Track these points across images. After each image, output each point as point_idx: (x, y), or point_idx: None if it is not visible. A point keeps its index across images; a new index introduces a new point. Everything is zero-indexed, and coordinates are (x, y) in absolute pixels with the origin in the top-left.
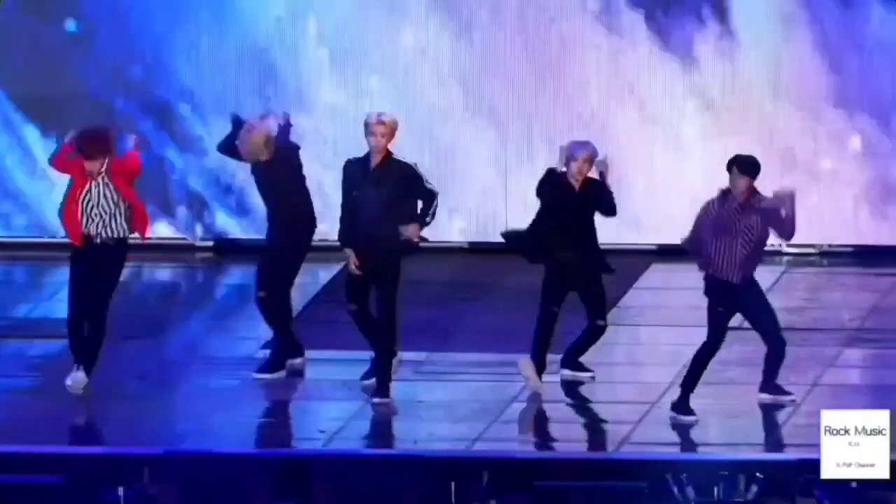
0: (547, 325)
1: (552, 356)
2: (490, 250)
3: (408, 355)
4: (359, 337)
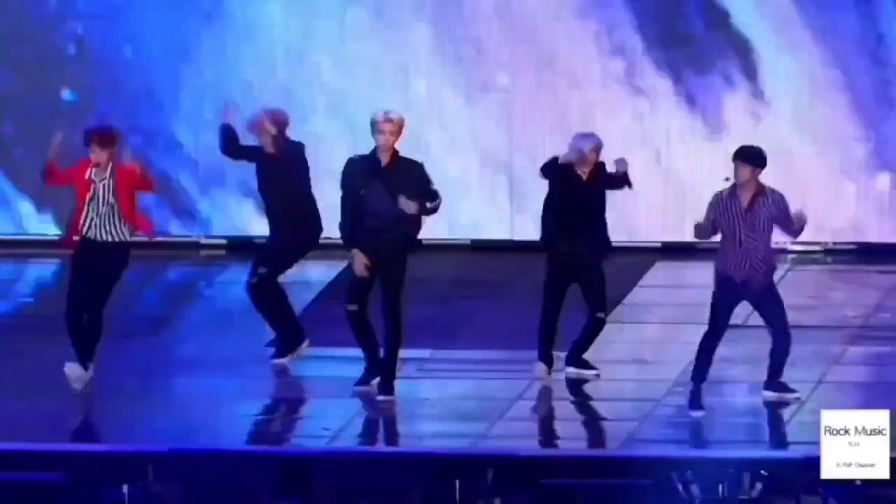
0: (550, 320)
1: (557, 353)
2: (494, 248)
3: (412, 353)
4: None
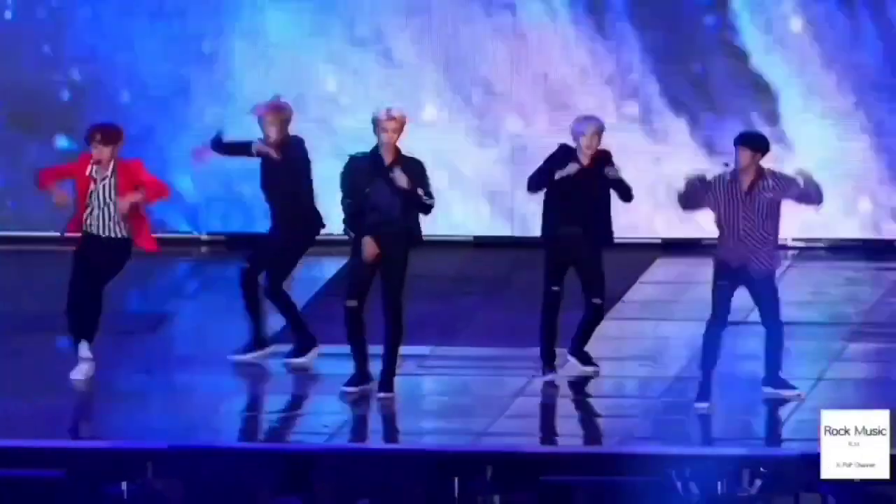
0: (551, 307)
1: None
2: (495, 244)
3: (412, 349)
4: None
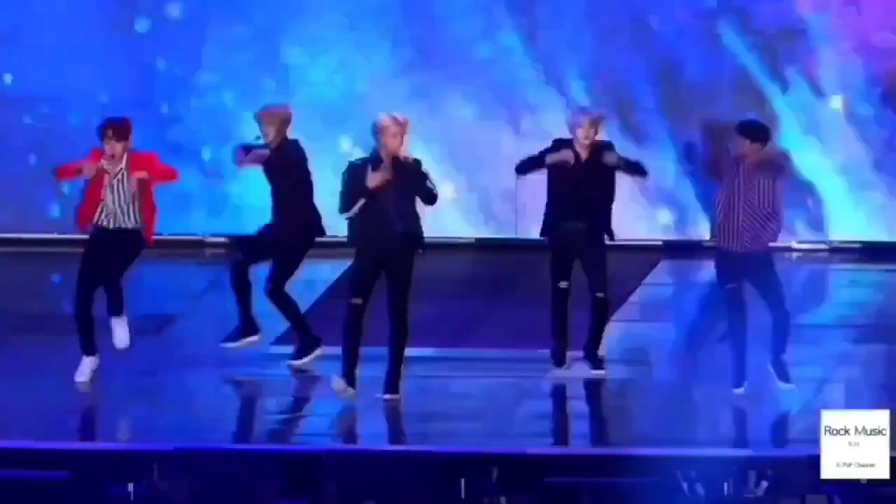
0: (560, 305)
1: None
2: (499, 247)
3: (417, 352)
4: (366, 332)
